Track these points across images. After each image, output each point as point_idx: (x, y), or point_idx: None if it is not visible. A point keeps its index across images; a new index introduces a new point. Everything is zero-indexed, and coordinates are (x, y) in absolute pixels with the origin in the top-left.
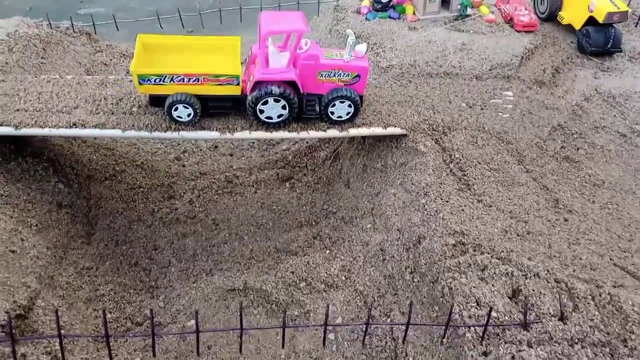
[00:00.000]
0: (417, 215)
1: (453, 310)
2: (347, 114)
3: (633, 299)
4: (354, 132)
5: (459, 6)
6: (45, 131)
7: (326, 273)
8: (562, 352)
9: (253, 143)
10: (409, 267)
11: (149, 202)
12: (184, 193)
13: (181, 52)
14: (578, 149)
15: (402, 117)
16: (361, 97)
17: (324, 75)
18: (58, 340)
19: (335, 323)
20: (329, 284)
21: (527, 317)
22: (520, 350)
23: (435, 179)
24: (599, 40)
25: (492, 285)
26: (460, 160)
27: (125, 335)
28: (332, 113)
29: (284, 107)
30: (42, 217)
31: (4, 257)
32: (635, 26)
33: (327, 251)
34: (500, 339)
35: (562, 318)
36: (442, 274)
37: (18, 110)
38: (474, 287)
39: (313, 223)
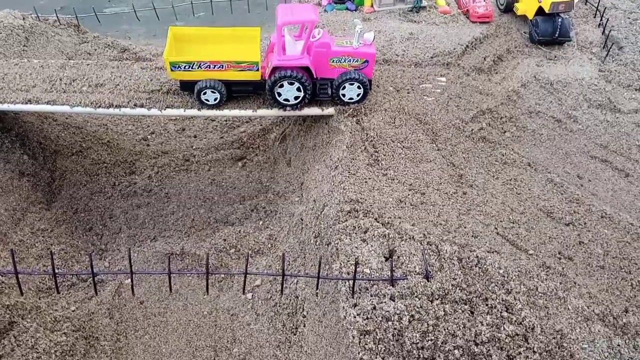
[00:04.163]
0: (326, 187)
1: (334, 267)
2: (358, 95)
3: (501, 263)
4: (292, 112)
5: None
6: (4, 107)
7: (255, 241)
8: (421, 305)
9: (216, 126)
10: (314, 232)
11: (111, 177)
12: (145, 169)
13: (207, 41)
14: (505, 131)
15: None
16: (370, 80)
17: (335, 61)
18: None
19: (254, 285)
20: (255, 250)
21: (395, 275)
22: (381, 302)
23: (348, 154)
24: (546, 30)
25: (371, 245)
26: (374, 138)
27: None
28: (344, 95)
29: (298, 90)
30: (3, 183)
31: None
32: (594, 17)
33: (260, 222)
34: (368, 293)
35: (427, 276)
36: (332, 236)
37: None
38: (355, 247)
39: (254, 198)
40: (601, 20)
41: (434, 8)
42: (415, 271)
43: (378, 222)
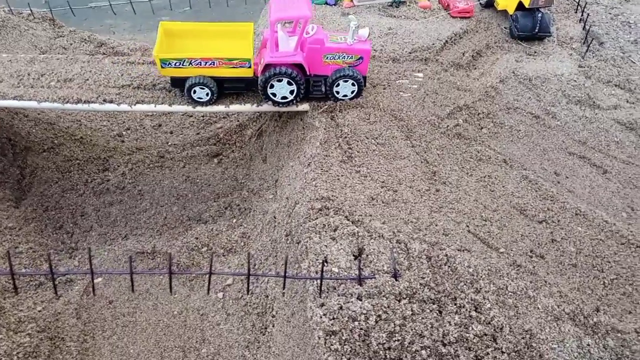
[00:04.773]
0: (299, 184)
1: (303, 266)
2: (352, 92)
3: (470, 261)
4: (264, 108)
5: None
6: None
7: (227, 239)
8: (388, 305)
9: (193, 122)
10: (286, 230)
11: (84, 174)
12: (118, 166)
13: (199, 37)
14: (482, 128)
15: None
16: (364, 77)
17: (329, 58)
18: None
19: (225, 284)
20: (228, 249)
21: (363, 273)
22: (348, 302)
23: (322, 151)
24: (526, 25)
25: (340, 244)
26: (348, 134)
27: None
28: (338, 92)
29: (291, 88)
30: None
31: None
32: (575, 12)
33: (234, 220)
34: (335, 292)
35: (395, 275)
36: (302, 234)
37: None
38: (325, 245)
39: (228, 195)
40: (582, 15)
41: (414, 3)
42: (384, 270)
43: (348, 220)
